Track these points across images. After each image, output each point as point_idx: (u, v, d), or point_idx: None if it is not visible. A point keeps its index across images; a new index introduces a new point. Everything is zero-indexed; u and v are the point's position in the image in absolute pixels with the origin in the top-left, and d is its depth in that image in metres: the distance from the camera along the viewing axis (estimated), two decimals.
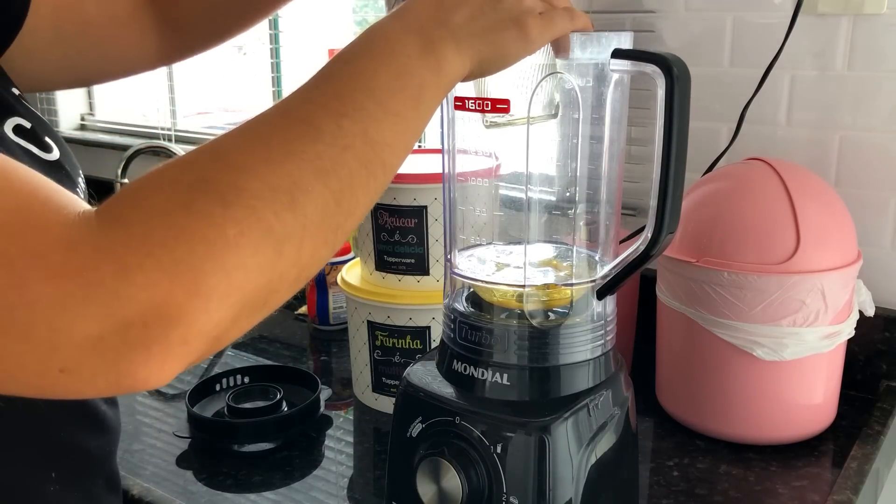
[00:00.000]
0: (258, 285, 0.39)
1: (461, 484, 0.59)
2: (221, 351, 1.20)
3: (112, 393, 0.39)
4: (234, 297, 0.38)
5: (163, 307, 0.36)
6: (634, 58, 0.57)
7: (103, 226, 0.37)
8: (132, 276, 0.36)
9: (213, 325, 0.38)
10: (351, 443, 0.92)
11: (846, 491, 0.78)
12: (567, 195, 0.64)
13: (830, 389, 0.89)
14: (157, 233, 0.37)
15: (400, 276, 0.93)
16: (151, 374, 0.37)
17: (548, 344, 0.61)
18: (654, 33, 1.09)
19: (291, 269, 0.41)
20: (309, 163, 0.42)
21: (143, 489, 0.80)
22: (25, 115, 0.58)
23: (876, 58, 0.96)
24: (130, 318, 0.36)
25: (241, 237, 0.38)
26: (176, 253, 0.37)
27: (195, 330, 0.37)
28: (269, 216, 0.39)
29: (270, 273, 0.39)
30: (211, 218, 0.38)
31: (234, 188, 0.39)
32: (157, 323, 0.36)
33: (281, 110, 0.44)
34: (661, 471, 0.84)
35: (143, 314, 0.36)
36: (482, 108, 0.59)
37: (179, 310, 0.36)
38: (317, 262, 0.43)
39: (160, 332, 0.36)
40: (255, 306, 0.40)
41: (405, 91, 0.47)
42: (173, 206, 0.38)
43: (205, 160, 0.41)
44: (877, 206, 0.99)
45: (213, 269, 0.37)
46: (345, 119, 0.44)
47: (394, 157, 0.47)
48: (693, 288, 0.85)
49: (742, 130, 0.99)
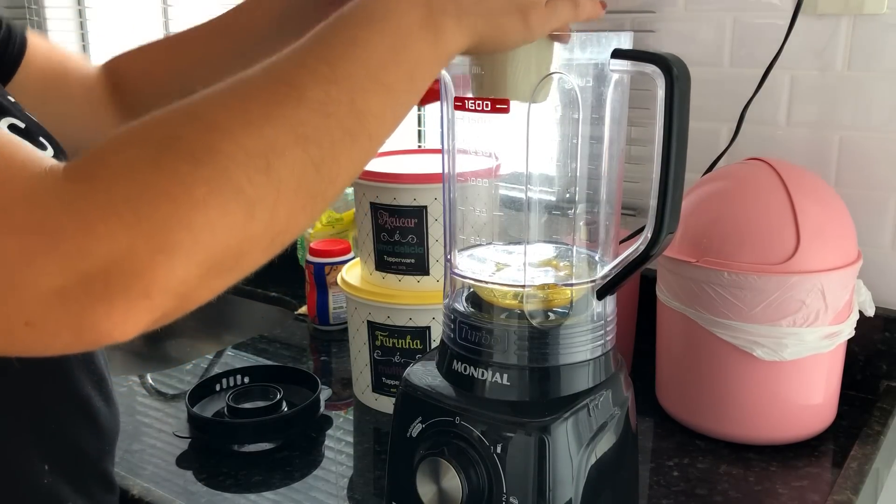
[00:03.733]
0: (227, 246, 0.39)
1: (461, 484, 0.59)
2: (221, 351, 1.20)
3: (77, 347, 0.39)
4: (201, 256, 0.38)
5: (124, 260, 0.36)
6: (634, 58, 0.57)
7: (69, 180, 0.37)
8: (95, 230, 0.36)
9: (178, 281, 0.38)
10: (351, 443, 0.92)
11: (846, 491, 0.78)
12: (567, 195, 0.64)
13: (830, 389, 0.89)
14: (121, 188, 0.37)
15: (400, 276, 0.93)
16: (114, 327, 0.37)
17: (548, 344, 0.61)
18: (654, 33, 1.09)
19: (265, 233, 0.40)
20: (289, 127, 0.41)
21: (143, 489, 0.80)
22: (20, 117, 0.58)
23: (876, 58, 0.96)
24: (93, 271, 0.36)
25: (209, 197, 0.38)
26: (140, 209, 0.37)
27: (158, 285, 0.37)
28: (241, 178, 0.39)
29: (241, 235, 0.39)
30: (179, 176, 0.37)
31: (205, 148, 0.38)
32: (118, 276, 0.36)
33: (267, 71, 0.43)
34: (661, 471, 0.84)
35: (104, 267, 0.36)
36: (482, 108, 0.59)
37: (141, 263, 0.37)
38: (294, 228, 0.43)
39: (122, 284, 0.37)
40: (225, 267, 0.40)
41: (400, 65, 0.46)
42: (141, 162, 0.38)
43: (179, 117, 0.40)
44: (877, 206, 0.99)
45: (177, 226, 0.37)
46: (332, 86, 0.43)
47: (381, 128, 0.46)
48: (693, 288, 0.85)
49: (742, 130, 0.99)
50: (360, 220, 0.96)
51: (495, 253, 0.68)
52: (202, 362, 1.18)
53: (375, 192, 0.92)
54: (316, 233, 1.33)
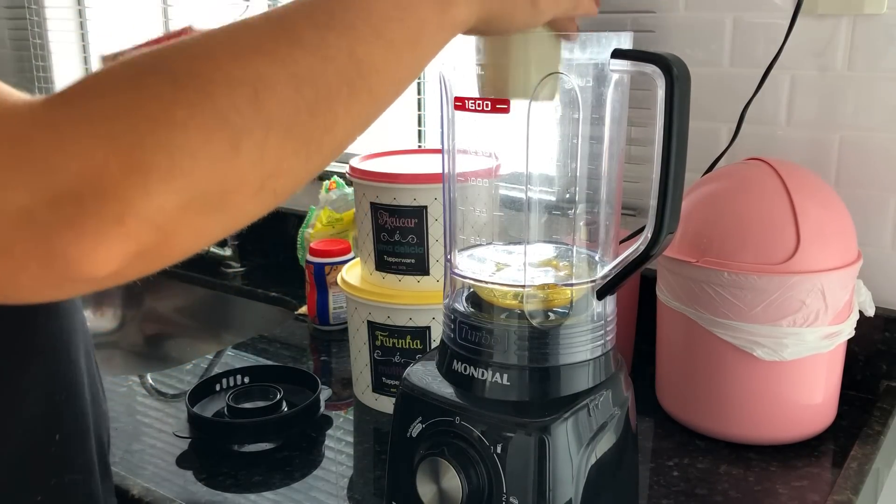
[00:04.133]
0: (210, 178, 0.36)
1: (461, 484, 0.59)
2: (221, 351, 1.20)
3: (47, 283, 0.37)
4: (179, 182, 0.35)
5: (96, 179, 0.34)
6: (634, 58, 0.57)
7: (46, 103, 0.36)
8: (66, 146, 0.34)
9: (155, 208, 0.35)
10: (351, 443, 0.92)
11: (846, 491, 0.78)
12: (567, 195, 0.64)
13: (830, 389, 0.89)
14: (97, 105, 0.35)
15: (400, 276, 0.93)
16: (84, 255, 0.35)
17: (548, 344, 0.61)
18: (654, 33, 1.09)
19: (253, 172, 0.38)
20: (281, 64, 0.39)
21: (143, 489, 0.80)
22: None
23: (876, 58, 0.96)
24: (62, 190, 0.34)
25: (190, 119, 0.35)
26: (115, 126, 0.35)
27: (133, 210, 0.35)
28: (225, 104, 0.36)
29: (225, 168, 0.37)
30: (159, 97, 0.36)
31: (189, 72, 0.37)
32: (90, 195, 0.34)
33: (264, 15, 0.42)
34: (661, 471, 0.84)
35: (75, 185, 0.34)
36: (482, 108, 0.59)
37: (114, 183, 0.34)
38: (287, 174, 0.40)
39: (93, 205, 0.34)
40: (208, 204, 0.37)
41: (403, 22, 0.44)
42: (122, 81, 0.36)
43: (167, 50, 0.38)
44: (877, 206, 0.99)
45: (153, 146, 0.35)
46: (330, 32, 0.41)
47: (382, 86, 0.44)
48: (693, 288, 0.85)
49: (742, 130, 0.99)
50: (360, 220, 0.96)
51: (495, 253, 0.68)
52: (202, 362, 1.18)
53: (375, 192, 0.92)
54: (316, 233, 1.33)
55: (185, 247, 0.38)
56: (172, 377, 1.12)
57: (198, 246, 0.39)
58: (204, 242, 0.39)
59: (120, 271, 0.37)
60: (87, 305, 1.65)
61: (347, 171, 0.96)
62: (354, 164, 0.95)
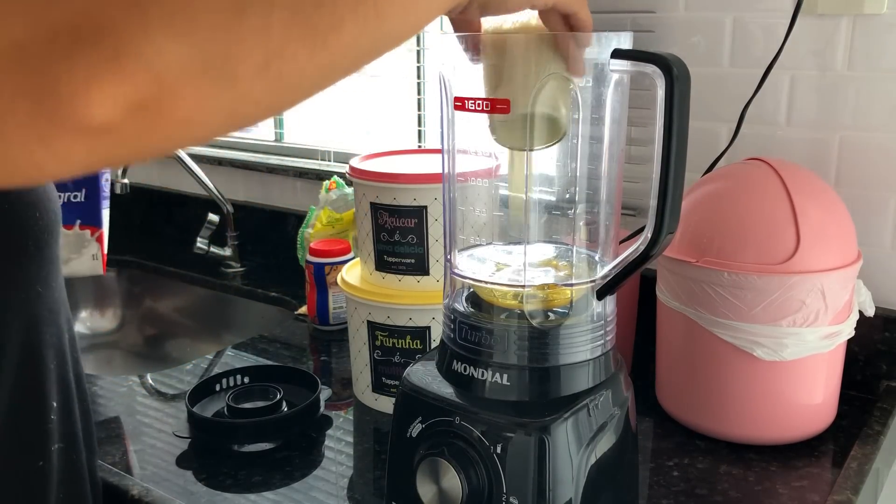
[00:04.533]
0: (212, 36, 0.35)
1: (461, 484, 0.59)
2: (221, 351, 1.21)
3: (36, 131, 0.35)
4: (179, 29, 0.34)
5: (95, 12, 0.33)
6: (634, 58, 0.57)
7: None
8: None
9: (153, 51, 0.34)
10: (351, 443, 0.92)
11: (846, 491, 0.78)
12: (567, 195, 0.64)
13: (830, 389, 0.89)
14: None
15: (400, 276, 0.93)
16: (77, 92, 0.33)
17: (548, 344, 0.61)
18: (654, 33, 1.09)
19: (257, 43, 0.36)
20: None
21: (143, 489, 0.81)
22: None
23: (876, 58, 0.96)
24: (59, 24, 0.33)
25: None
26: None
27: (130, 48, 0.33)
28: None
29: (228, 28, 0.35)
30: None
31: None
32: (87, 28, 0.33)
33: None
34: (661, 471, 0.84)
35: (74, 19, 0.33)
36: (482, 108, 0.59)
37: (112, 18, 0.33)
38: (293, 60, 0.38)
39: (90, 38, 0.33)
40: (210, 64, 0.36)
41: None
42: None
43: None
44: (877, 206, 0.99)
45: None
46: None
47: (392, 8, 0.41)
48: (693, 288, 0.86)
49: (742, 130, 0.99)
50: (360, 220, 0.96)
51: (495, 253, 0.68)
52: (202, 362, 1.18)
53: (375, 192, 0.92)
54: (316, 233, 1.33)
55: (186, 110, 0.36)
56: (172, 377, 1.12)
57: (201, 115, 0.37)
58: (207, 115, 0.37)
59: (116, 124, 0.35)
60: (88, 305, 1.65)
61: (347, 171, 0.96)
62: (354, 164, 0.95)
